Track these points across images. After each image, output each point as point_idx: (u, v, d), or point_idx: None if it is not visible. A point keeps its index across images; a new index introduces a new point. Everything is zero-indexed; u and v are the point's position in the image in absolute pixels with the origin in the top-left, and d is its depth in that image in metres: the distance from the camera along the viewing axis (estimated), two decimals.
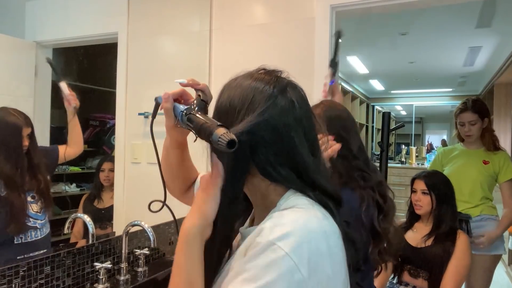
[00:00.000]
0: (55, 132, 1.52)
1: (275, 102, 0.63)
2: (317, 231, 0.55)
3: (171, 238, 1.90)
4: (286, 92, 0.65)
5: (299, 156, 0.62)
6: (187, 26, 2.19)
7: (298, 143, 0.62)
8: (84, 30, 1.64)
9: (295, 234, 0.53)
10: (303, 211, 0.58)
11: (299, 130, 0.63)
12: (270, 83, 0.65)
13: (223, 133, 0.57)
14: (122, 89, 1.76)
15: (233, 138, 0.56)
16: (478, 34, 3.90)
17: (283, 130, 0.62)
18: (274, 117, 0.62)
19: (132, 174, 1.82)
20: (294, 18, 1.99)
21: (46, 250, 1.35)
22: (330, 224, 0.59)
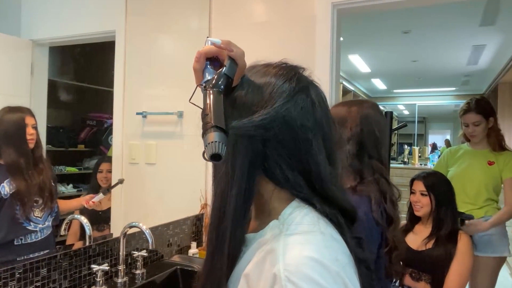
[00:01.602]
0: (51, 131, 1.52)
1: (295, 99, 0.59)
2: (333, 269, 0.50)
3: (170, 240, 1.91)
4: (307, 91, 0.61)
5: (313, 162, 0.58)
6: (186, 24, 2.19)
7: (314, 148, 0.58)
8: (81, 28, 1.64)
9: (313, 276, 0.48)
10: (312, 243, 0.52)
11: (317, 134, 0.59)
12: (292, 79, 0.61)
13: (212, 141, 0.53)
14: (120, 88, 1.76)
15: (218, 153, 0.53)
16: (482, 32, 3.91)
17: (299, 130, 0.58)
18: (292, 115, 0.58)
19: (130, 174, 1.82)
20: (294, 16, 2.00)
21: (48, 251, 1.36)
22: (339, 247, 0.54)
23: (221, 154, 0.53)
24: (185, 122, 2.10)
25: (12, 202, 1.30)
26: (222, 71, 0.62)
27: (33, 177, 1.38)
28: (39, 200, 1.38)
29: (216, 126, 0.55)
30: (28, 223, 1.34)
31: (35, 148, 1.39)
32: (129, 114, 1.81)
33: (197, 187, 2.15)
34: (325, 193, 0.58)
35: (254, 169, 0.58)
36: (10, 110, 1.36)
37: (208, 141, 0.54)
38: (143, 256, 1.60)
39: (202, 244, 2.14)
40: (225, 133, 0.55)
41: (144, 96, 1.93)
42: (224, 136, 0.55)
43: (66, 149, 1.72)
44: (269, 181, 0.60)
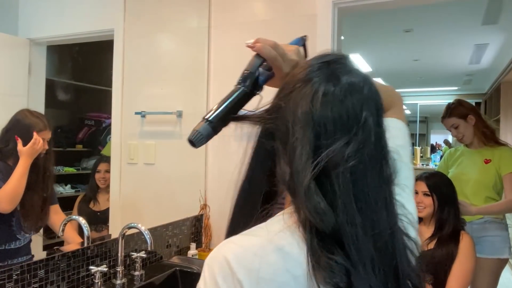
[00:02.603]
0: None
1: (299, 88, 0.54)
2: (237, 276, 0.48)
3: (169, 241, 1.91)
4: (314, 83, 0.53)
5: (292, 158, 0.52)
6: (185, 23, 2.19)
7: (298, 143, 0.51)
8: (79, 27, 1.64)
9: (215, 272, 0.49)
10: (241, 245, 0.51)
11: (305, 129, 0.51)
12: (304, 70, 0.56)
13: (195, 129, 0.57)
14: (118, 88, 1.76)
15: (191, 139, 0.58)
16: (485, 31, 3.91)
17: (293, 124, 0.52)
18: (288, 107, 0.54)
19: (129, 175, 1.82)
20: (295, 15, 2.00)
21: (31, 256, 1.36)
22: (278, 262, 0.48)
23: (195, 142, 0.59)
24: (184, 122, 2.10)
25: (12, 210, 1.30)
26: (247, 70, 0.66)
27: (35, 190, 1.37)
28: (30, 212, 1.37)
29: (207, 119, 0.59)
30: (19, 232, 1.34)
31: (44, 161, 1.39)
32: (127, 114, 1.81)
33: (196, 187, 2.15)
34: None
35: (263, 163, 0.58)
36: (31, 115, 1.37)
37: (194, 128, 0.59)
38: (142, 257, 1.60)
39: (202, 245, 2.14)
40: (212, 128, 0.59)
41: (142, 95, 1.93)
42: (209, 130, 0.59)
43: (64, 149, 1.72)
44: None
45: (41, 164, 1.39)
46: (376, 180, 0.52)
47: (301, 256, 0.48)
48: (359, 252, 0.48)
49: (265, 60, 0.66)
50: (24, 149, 1.30)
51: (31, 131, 1.35)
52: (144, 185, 1.92)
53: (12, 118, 1.32)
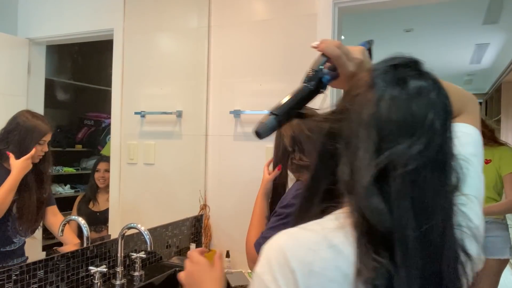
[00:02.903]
0: None
1: (365, 90, 0.55)
2: (291, 265, 0.51)
3: (168, 241, 1.91)
4: (376, 87, 0.54)
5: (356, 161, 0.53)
6: (185, 22, 2.19)
7: (360, 145, 0.52)
8: (79, 26, 1.64)
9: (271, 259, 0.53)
10: (297, 238, 0.53)
11: (369, 130, 0.52)
12: (378, 69, 0.57)
13: (261, 121, 0.63)
14: (118, 88, 1.76)
15: (257, 130, 0.64)
16: (485, 30, 3.91)
17: (357, 125, 0.53)
18: (353, 109, 0.55)
19: (128, 175, 1.82)
20: (295, 14, 2.00)
21: (26, 258, 1.36)
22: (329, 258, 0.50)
23: (261, 133, 0.64)
24: (184, 122, 2.10)
25: (7, 215, 1.30)
26: (312, 70, 0.68)
27: (31, 192, 1.37)
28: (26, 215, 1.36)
29: (273, 113, 0.65)
30: (15, 235, 1.33)
31: (42, 162, 1.38)
32: (127, 114, 1.81)
33: (196, 187, 2.15)
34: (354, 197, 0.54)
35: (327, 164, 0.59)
36: (33, 117, 1.36)
37: (260, 120, 0.64)
38: (141, 258, 1.60)
39: (202, 245, 2.14)
40: (277, 121, 0.64)
41: (142, 95, 1.93)
42: (273, 122, 0.64)
43: (64, 149, 1.72)
44: None
45: (39, 166, 1.38)
46: (436, 186, 0.52)
47: (353, 255, 0.50)
48: (405, 257, 0.49)
49: (329, 59, 0.67)
50: (17, 163, 1.28)
51: (34, 135, 1.34)
52: (144, 185, 1.92)
53: (12, 120, 1.31)
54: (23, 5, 1.44)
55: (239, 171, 2.10)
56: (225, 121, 2.13)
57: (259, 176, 2.08)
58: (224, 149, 2.15)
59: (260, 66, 2.06)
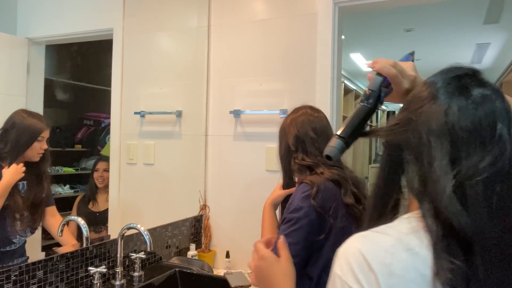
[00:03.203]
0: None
1: (430, 104, 0.58)
2: (374, 269, 0.53)
3: (168, 242, 1.91)
4: (449, 96, 0.57)
5: (435, 170, 0.55)
6: (185, 22, 2.19)
7: (437, 153, 0.55)
8: (78, 26, 1.64)
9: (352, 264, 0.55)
10: (374, 241, 0.56)
11: (445, 140, 0.55)
12: (437, 83, 0.60)
13: (329, 145, 0.67)
14: (117, 87, 1.76)
15: (328, 154, 0.67)
16: (486, 30, 3.91)
17: (426, 135, 0.57)
18: (420, 119, 0.58)
19: (128, 175, 1.82)
20: (295, 13, 2.00)
21: (26, 258, 1.36)
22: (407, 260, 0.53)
23: (332, 156, 0.67)
24: (184, 122, 2.10)
25: (6, 215, 1.30)
26: (369, 89, 0.72)
27: (32, 191, 1.37)
28: (24, 214, 1.36)
29: (339, 136, 0.68)
30: (15, 235, 1.33)
31: (41, 161, 1.39)
32: (127, 114, 1.81)
33: (196, 187, 2.15)
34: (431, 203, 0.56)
35: (393, 172, 0.63)
36: (29, 116, 1.36)
37: (329, 144, 0.68)
38: (141, 258, 1.60)
39: (201, 245, 2.14)
40: (345, 142, 0.68)
41: (142, 95, 1.93)
42: (341, 145, 0.67)
43: (63, 149, 1.72)
44: None
45: (39, 164, 1.38)
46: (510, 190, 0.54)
47: (429, 258, 0.52)
48: (485, 260, 0.51)
49: (385, 78, 0.73)
50: (8, 170, 1.29)
51: (31, 133, 1.35)
52: (144, 186, 1.92)
53: (9, 120, 1.31)
54: (23, 5, 1.44)
55: (239, 171, 2.10)
56: (225, 121, 2.13)
57: (259, 176, 2.08)
58: (224, 149, 2.15)
59: (260, 66, 2.06)
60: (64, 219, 1.49)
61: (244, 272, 1.94)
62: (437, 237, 0.53)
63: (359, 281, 0.53)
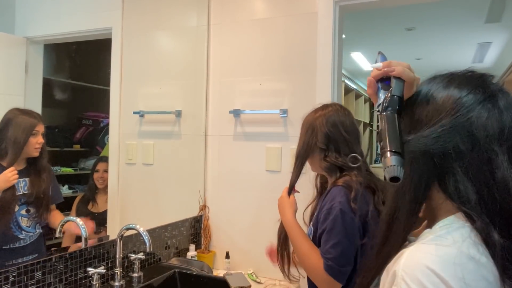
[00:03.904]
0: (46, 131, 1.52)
1: (479, 109, 0.59)
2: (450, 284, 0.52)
3: (167, 242, 1.91)
4: (495, 100, 0.60)
5: (499, 174, 0.57)
6: (184, 21, 2.19)
7: (500, 159, 0.57)
8: (77, 25, 1.64)
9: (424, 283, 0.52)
10: (439, 256, 0.54)
11: (504, 144, 0.58)
12: (477, 88, 0.61)
13: (390, 165, 0.59)
14: (116, 87, 1.76)
15: (396, 176, 0.58)
16: (488, 29, 3.91)
17: (483, 141, 0.58)
18: (475, 125, 0.58)
19: (127, 175, 1.82)
20: (295, 12, 2.00)
21: (38, 255, 1.36)
22: (476, 270, 0.53)
23: (399, 176, 0.59)
24: (183, 122, 2.10)
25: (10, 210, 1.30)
26: (390, 93, 0.67)
27: (31, 186, 1.38)
28: (30, 210, 1.38)
29: (391, 150, 0.60)
30: (20, 232, 1.34)
31: (40, 156, 1.40)
32: (126, 113, 1.81)
33: (195, 188, 2.15)
34: (508, 209, 0.56)
35: (429, 181, 0.61)
36: (22, 113, 1.37)
37: (386, 165, 0.60)
38: (140, 259, 1.60)
39: (201, 246, 2.14)
40: (402, 155, 0.60)
41: (141, 95, 1.93)
42: (400, 159, 0.60)
43: (62, 149, 1.72)
44: (441, 191, 0.61)
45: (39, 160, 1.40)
46: None
47: (490, 263, 0.54)
48: None
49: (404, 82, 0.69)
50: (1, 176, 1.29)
51: (25, 129, 1.35)
52: (143, 186, 1.92)
53: (3, 119, 1.33)
54: (21, 4, 1.44)
55: (239, 171, 2.10)
56: (225, 121, 2.13)
57: (259, 176, 2.08)
58: (224, 149, 2.15)
59: (260, 65, 2.06)
60: (62, 219, 1.49)
61: (244, 273, 1.94)
62: (502, 249, 0.54)
63: None
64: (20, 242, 1.34)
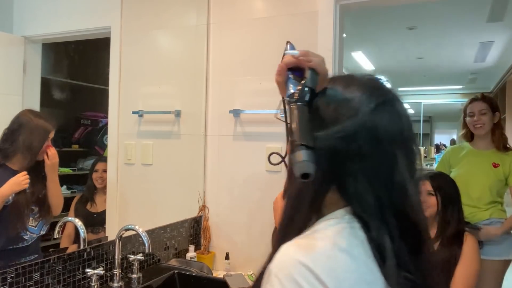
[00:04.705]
0: None
1: (382, 110, 0.60)
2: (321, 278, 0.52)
3: (167, 243, 1.91)
4: (393, 104, 0.62)
5: (398, 177, 0.58)
6: (183, 20, 2.19)
7: (400, 162, 0.59)
8: (75, 24, 1.63)
9: (296, 278, 0.52)
10: (311, 249, 0.55)
11: (403, 149, 0.60)
12: (378, 90, 0.63)
13: (301, 160, 0.55)
14: (115, 87, 1.76)
15: (305, 172, 0.55)
16: (490, 28, 3.91)
17: (386, 143, 0.59)
18: (379, 126, 0.59)
19: (126, 175, 1.82)
20: (296, 11, 1.99)
21: (37, 256, 1.36)
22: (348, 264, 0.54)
23: (310, 173, 0.55)
24: (182, 122, 2.10)
25: (12, 211, 1.30)
26: (304, 84, 0.64)
27: (38, 187, 1.38)
28: (34, 209, 1.38)
29: (303, 144, 0.57)
30: (25, 232, 1.35)
31: (48, 159, 1.42)
32: (124, 113, 1.81)
33: (195, 188, 2.15)
34: (403, 211, 0.58)
35: (330, 181, 0.60)
36: (35, 116, 1.39)
37: (297, 159, 0.55)
38: (139, 260, 1.60)
39: (200, 247, 2.14)
40: (312, 150, 0.57)
41: (140, 94, 1.93)
42: (311, 154, 0.56)
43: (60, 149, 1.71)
44: (336, 190, 0.60)
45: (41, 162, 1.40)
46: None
47: (363, 256, 0.55)
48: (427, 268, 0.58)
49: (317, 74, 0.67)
50: (9, 182, 1.30)
51: (42, 134, 1.38)
52: (142, 186, 1.92)
53: (15, 120, 1.33)
54: (19, 2, 1.44)
55: (238, 172, 2.10)
56: (225, 121, 2.13)
57: (259, 177, 2.08)
58: (224, 149, 2.15)
59: (260, 65, 2.06)
60: (61, 220, 1.49)
61: (244, 274, 1.94)
62: (390, 250, 0.55)
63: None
64: (23, 242, 1.34)
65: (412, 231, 0.58)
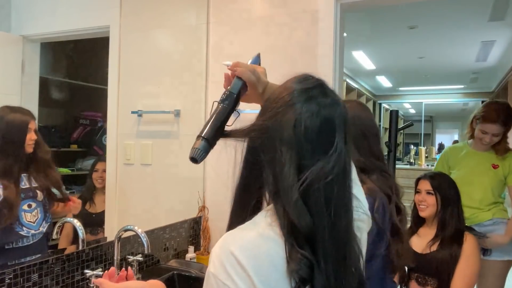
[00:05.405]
0: (43, 131, 1.52)
1: (283, 111, 0.66)
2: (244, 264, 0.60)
3: (166, 244, 1.91)
4: (302, 104, 0.66)
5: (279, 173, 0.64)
6: (183, 19, 2.19)
7: (282, 159, 0.64)
8: (74, 23, 1.64)
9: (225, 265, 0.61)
10: (241, 238, 0.63)
11: (291, 148, 0.64)
12: (294, 92, 0.68)
13: (194, 147, 0.69)
14: (114, 86, 1.76)
15: (193, 157, 0.70)
16: (492, 27, 3.91)
17: (277, 142, 0.65)
18: (273, 126, 0.66)
19: (125, 176, 1.82)
20: (296, 11, 1.99)
21: (39, 255, 1.36)
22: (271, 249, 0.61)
23: (197, 159, 0.71)
24: (182, 121, 2.10)
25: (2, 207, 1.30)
26: (228, 89, 0.78)
27: (29, 181, 1.38)
28: (32, 205, 1.38)
29: (201, 136, 0.71)
30: (21, 228, 1.34)
31: (37, 151, 1.40)
32: (123, 113, 1.81)
33: (194, 188, 2.15)
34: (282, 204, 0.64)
35: (256, 173, 0.69)
36: (12, 111, 1.37)
37: (194, 146, 0.71)
38: (138, 261, 1.60)
39: (200, 248, 2.14)
40: (209, 144, 0.72)
41: (139, 94, 1.93)
42: (205, 145, 0.72)
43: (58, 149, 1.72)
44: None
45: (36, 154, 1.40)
46: (342, 191, 0.65)
47: (280, 247, 0.61)
48: (324, 250, 0.62)
49: (244, 82, 0.81)
50: None
51: (18, 127, 1.36)
52: (141, 186, 1.92)
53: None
54: (17, 1, 1.44)
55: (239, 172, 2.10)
56: None
57: None
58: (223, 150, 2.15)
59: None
60: (59, 221, 1.49)
61: None
62: (287, 232, 0.62)
63: (232, 279, 0.60)
64: (23, 241, 1.33)
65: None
